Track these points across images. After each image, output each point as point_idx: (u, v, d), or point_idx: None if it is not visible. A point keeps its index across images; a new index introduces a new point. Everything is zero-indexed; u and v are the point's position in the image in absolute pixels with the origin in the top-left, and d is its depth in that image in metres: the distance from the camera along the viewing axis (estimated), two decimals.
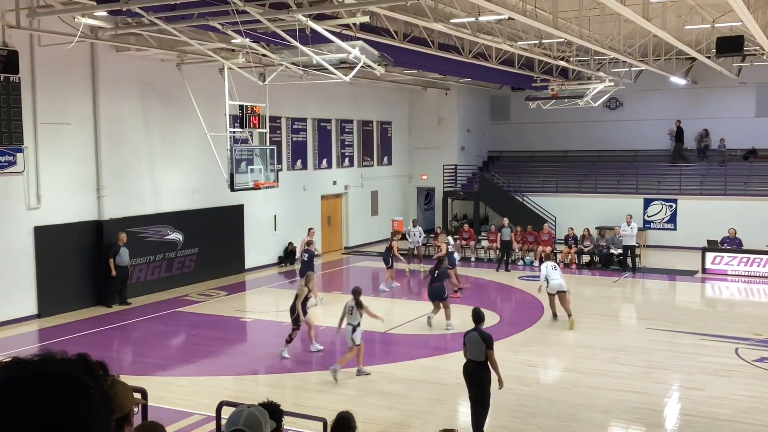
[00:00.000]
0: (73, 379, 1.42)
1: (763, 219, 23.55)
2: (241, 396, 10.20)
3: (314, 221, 25.49)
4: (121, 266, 17.48)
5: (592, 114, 28.78)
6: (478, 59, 19.47)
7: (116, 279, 17.42)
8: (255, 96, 18.01)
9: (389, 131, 29.72)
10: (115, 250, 17.40)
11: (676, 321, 16.05)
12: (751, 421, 10.11)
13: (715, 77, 26.09)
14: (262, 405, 4.28)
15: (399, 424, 9.60)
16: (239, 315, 17.08)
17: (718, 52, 17.46)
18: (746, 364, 12.77)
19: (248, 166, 17.47)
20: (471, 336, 9.43)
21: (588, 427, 9.91)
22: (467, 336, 9.49)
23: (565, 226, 25.10)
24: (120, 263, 17.43)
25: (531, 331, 15.30)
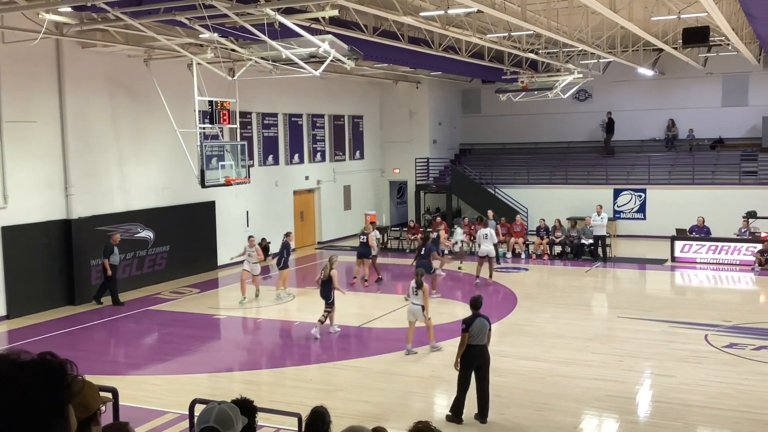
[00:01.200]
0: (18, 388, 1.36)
1: (731, 207, 23.92)
2: (216, 393, 10.14)
3: (287, 216, 25.42)
4: (112, 265, 17.27)
5: (562, 106, 28.98)
6: (448, 52, 19.51)
7: (113, 278, 17.24)
8: (224, 91, 17.87)
9: (361, 125, 29.68)
10: (110, 250, 17.21)
11: (646, 309, 16.26)
12: (721, 406, 10.28)
13: (681, 68, 26.43)
14: (235, 402, 4.25)
15: (374, 417, 9.61)
16: (212, 312, 16.97)
17: (685, 42, 17.68)
18: (716, 351, 12.98)
19: (219, 162, 17.34)
20: (477, 322, 9.73)
21: (562, 416, 10.01)
22: (472, 323, 9.72)
23: (536, 218, 25.29)
24: (112, 262, 17.24)
25: (504, 322, 15.40)
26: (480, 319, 9.79)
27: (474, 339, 9.70)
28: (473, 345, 9.71)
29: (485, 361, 9.80)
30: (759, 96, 28.11)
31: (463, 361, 9.75)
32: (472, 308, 10.03)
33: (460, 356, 9.77)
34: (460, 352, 9.76)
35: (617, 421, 9.99)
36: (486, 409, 9.79)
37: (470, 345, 9.70)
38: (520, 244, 23.71)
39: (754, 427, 9.53)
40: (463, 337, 9.75)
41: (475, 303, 10.10)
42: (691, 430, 9.59)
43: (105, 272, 17.16)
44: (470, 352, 9.72)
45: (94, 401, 2.79)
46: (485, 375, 9.81)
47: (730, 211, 23.48)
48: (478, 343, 9.72)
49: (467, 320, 9.84)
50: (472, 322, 9.77)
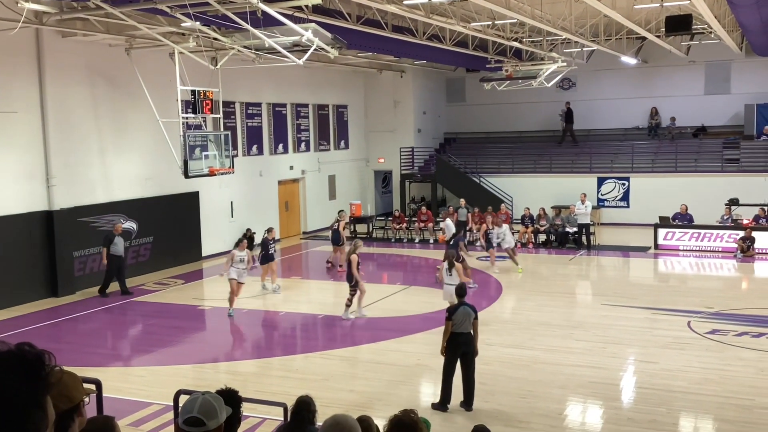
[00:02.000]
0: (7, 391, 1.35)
1: (713, 194, 24.10)
2: (201, 384, 10.11)
3: (272, 206, 25.34)
4: (117, 255, 17.11)
5: (546, 94, 29.04)
6: (432, 41, 19.47)
7: (110, 269, 17.07)
8: (207, 81, 17.73)
9: (345, 115, 29.59)
10: (110, 239, 17.08)
11: (630, 296, 16.37)
12: (703, 392, 10.38)
13: (664, 56, 26.54)
14: (219, 392, 4.23)
15: (360, 406, 9.62)
16: (197, 303, 16.91)
17: (668, 30, 17.76)
18: (698, 337, 13.10)
19: (202, 152, 17.23)
20: (460, 310, 9.77)
21: (546, 403, 10.07)
22: (456, 311, 9.76)
23: (521, 206, 25.38)
24: (115, 252, 17.07)
25: (490, 310, 15.45)
26: (464, 308, 9.82)
27: (458, 327, 9.74)
28: (458, 333, 9.75)
29: (470, 348, 9.84)
30: (741, 84, 28.29)
31: (448, 349, 9.79)
32: (457, 296, 10.07)
33: (445, 344, 9.81)
34: (445, 339, 9.81)
35: (601, 408, 10.07)
36: (471, 396, 9.85)
37: (455, 333, 9.75)
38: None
39: (737, 412, 9.64)
40: (447, 325, 9.79)
41: (459, 291, 10.14)
42: (674, 415, 9.68)
43: (112, 261, 17.02)
44: (455, 340, 9.77)
45: (77, 392, 2.77)
46: (470, 363, 9.86)
47: (713, 199, 23.66)
48: (462, 331, 9.76)
49: (451, 308, 9.91)
50: (455, 310, 9.81)
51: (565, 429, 9.16)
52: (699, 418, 9.71)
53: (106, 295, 17.15)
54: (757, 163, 26.07)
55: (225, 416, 3.16)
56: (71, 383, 2.74)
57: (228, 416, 3.34)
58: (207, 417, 3.02)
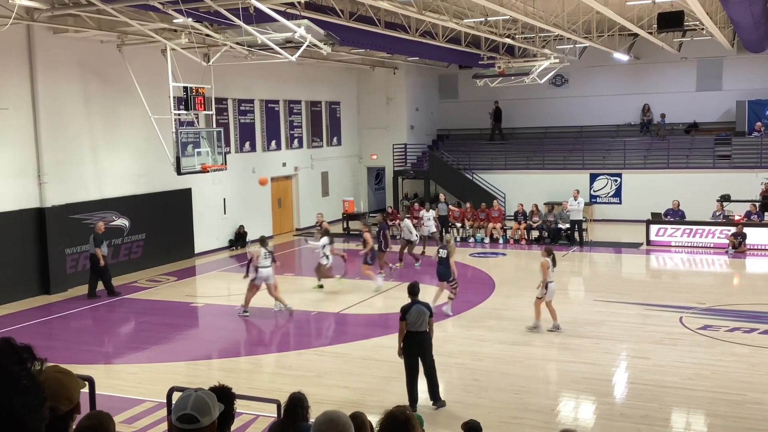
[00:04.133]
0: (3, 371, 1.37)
1: (705, 191, 24.18)
2: (194, 381, 10.11)
3: (264, 203, 25.32)
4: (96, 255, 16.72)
5: (538, 91, 29.08)
6: (425, 37, 19.45)
7: (98, 269, 16.68)
8: (200, 77, 17.67)
9: (338, 111, 29.56)
10: (100, 239, 16.76)
11: (622, 292, 16.43)
12: (695, 387, 10.43)
13: (656, 53, 26.58)
14: (212, 389, 4.23)
15: (353, 402, 9.63)
16: (190, 300, 16.88)
17: (660, 27, 17.80)
18: (690, 333, 13.16)
19: (195, 149, 17.18)
20: (413, 309, 9.60)
21: (539, 399, 10.10)
22: (409, 310, 9.60)
23: (514, 203, 25.43)
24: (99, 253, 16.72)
25: (482, 306, 15.49)
26: (417, 306, 9.63)
27: (413, 326, 9.58)
28: (413, 332, 9.59)
29: (428, 347, 9.70)
30: (733, 80, 28.39)
31: (405, 350, 9.66)
32: (410, 295, 9.85)
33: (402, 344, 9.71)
34: (401, 339, 9.68)
35: (593, 403, 10.10)
36: (436, 390, 9.77)
37: (410, 332, 9.59)
38: (497, 229, 23.84)
39: (728, 407, 9.68)
40: (401, 325, 9.64)
41: (411, 289, 9.90)
42: (666, 410, 9.72)
43: (97, 262, 16.64)
44: (411, 339, 9.62)
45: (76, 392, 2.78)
46: (429, 360, 9.72)
47: (705, 195, 23.74)
48: (416, 330, 9.59)
49: (404, 308, 9.68)
50: (408, 309, 9.63)
51: (558, 424, 9.18)
52: (691, 413, 9.76)
53: (96, 297, 16.83)
54: (748, 160, 26.16)
55: (218, 413, 3.16)
56: (70, 383, 2.75)
57: (221, 413, 3.34)
58: (200, 414, 3.02)
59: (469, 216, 24.49)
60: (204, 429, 3.02)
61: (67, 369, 2.90)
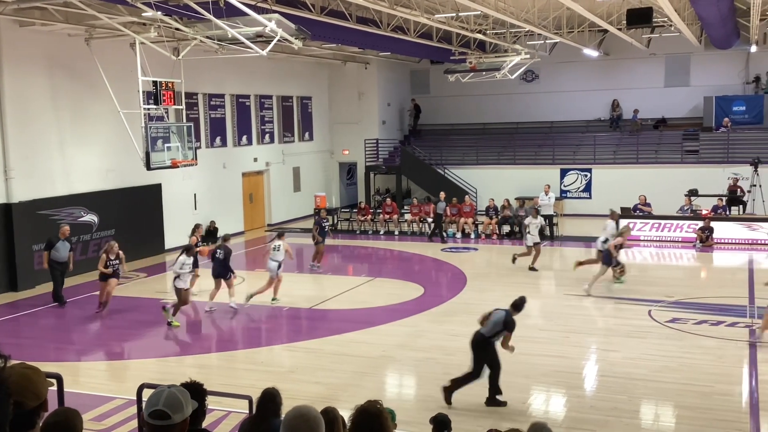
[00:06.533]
0: None
1: (673, 185, 24.51)
2: (165, 378, 10.02)
3: (236, 199, 25.16)
4: (58, 261, 15.64)
5: (509, 87, 29.22)
6: (396, 33, 19.45)
7: (54, 275, 15.71)
8: (169, 71, 17.51)
9: (309, 106, 29.45)
10: (51, 243, 15.63)
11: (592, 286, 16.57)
12: (663, 379, 10.58)
13: (626, 49, 26.86)
14: (184, 385, 4.20)
15: (326, 398, 9.61)
16: (160, 296, 16.72)
17: (629, 23, 17.98)
18: (659, 326, 13.34)
19: (165, 143, 17.02)
20: (497, 313, 9.85)
21: (510, 392, 10.16)
22: (495, 310, 9.92)
23: (486, 198, 25.54)
24: (56, 258, 15.59)
25: (454, 301, 15.56)
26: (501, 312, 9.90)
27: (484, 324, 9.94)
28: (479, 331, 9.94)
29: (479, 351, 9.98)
30: (700, 76, 28.80)
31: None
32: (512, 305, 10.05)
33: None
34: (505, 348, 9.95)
35: (564, 396, 10.21)
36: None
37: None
38: (469, 224, 23.95)
39: (696, 398, 9.84)
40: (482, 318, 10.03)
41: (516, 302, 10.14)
42: (636, 402, 9.85)
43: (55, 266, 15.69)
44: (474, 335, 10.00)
45: (43, 389, 2.74)
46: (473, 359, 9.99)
47: (673, 190, 24.06)
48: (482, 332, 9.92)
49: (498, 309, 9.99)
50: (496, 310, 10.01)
51: (529, 417, 9.26)
52: (659, 405, 9.90)
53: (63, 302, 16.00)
54: (715, 155, 26.57)
55: (191, 410, 3.13)
56: (37, 379, 2.71)
57: (193, 410, 3.31)
58: (172, 410, 2.99)
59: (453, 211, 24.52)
60: (176, 426, 3.00)
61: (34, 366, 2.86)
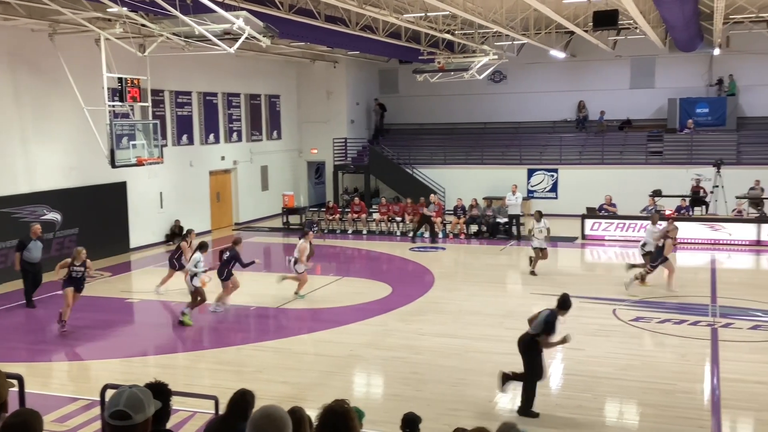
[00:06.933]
0: None
1: (638, 186, 24.85)
2: (130, 378, 9.90)
3: (203, 197, 24.95)
4: (30, 262, 15.12)
5: (477, 87, 29.37)
6: (365, 32, 19.43)
7: (26, 278, 15.28)
8: (135, 68, 17.29)
9: (278, 105, 29.31)
10: (24, 244, 15.18)
11: (558, 285, 16.68)
12: (627, 377, 10.72)
13: (592, 50, 27.16)
14: (148, 385, 4.15)
15: (293, 397, 9.58)
16: (125, 296, 16.53)
17: (595, 25, 18.15)
18: (623, 324, 13.52)
19: (130, 141, 16.80)
20: (543, 312, 9.73)
21: (477, 391, 10.23)
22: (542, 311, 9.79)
23: (453, 197, 25.66)
24: (29, 259, 15.10)
25: (422, 300, 15.60)
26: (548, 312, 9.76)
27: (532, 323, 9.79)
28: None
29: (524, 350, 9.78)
30: (665, 78, 29.25)
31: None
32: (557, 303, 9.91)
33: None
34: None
35: None
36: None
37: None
38: (437, 224, 24.02)
39: (660, 396, 9.98)
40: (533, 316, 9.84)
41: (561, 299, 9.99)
42: (600, 400, 9.97)
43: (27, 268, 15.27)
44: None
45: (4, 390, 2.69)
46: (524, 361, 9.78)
47: (637, 190, 24.39)
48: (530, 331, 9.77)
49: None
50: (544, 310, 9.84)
51: (495, 416, 9.32)
52: (623, 402, 10.03)
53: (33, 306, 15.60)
54: (679, 156, 27.01)
55: (153, 410, 3.10)
56: None
57: (157, 410, 3.28)
58: (133, 410, 2.96)
59: (409, 211, 24.63)
60: (137, 426, 2.96)
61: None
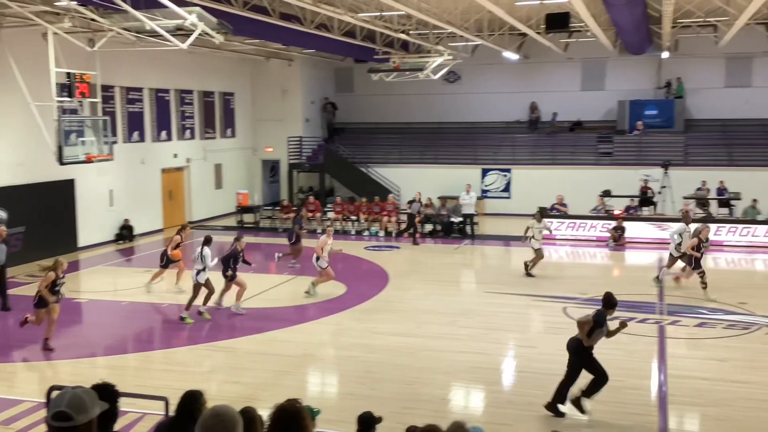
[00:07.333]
0: None
1: (588, 186, 25.25)
2: (77, 380, 9.68)
3: (154, 195, 24.56)
4: None
5: (432, 87, 29.49)
6: (320, 30, 19.35)
7: None
8: (84, 63, 16.93)
9: (232, 102, 29.02)
10: None
11: (511, 284, 16.95)
12: None
13: (544, 53, 27.50)
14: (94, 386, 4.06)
15: (245, 398, 9.49)
16: (73, 296, 16.15)
17: (547, 28, 18.44)
18: (573, 322, 13.62)
19: (79, 138, 16.44)
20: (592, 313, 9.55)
21: (431, 389, 10.28)
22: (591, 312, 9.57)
23: (408, 197, 25.74)
24: None
25: (376, 299, 15.61)
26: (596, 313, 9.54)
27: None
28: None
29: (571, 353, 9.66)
30: (615, 81, 29.80)
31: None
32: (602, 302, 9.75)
33: None
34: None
35: (482, 392, 10.39)
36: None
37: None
38: (392, 223, 24.07)
39: (608, 392, 10.12)
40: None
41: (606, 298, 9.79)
42: (550, 397, 10.08)
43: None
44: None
45: None
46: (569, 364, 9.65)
47: (587, 190, 24.80)
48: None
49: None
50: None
51: (449, 413, 9.38)
52: None
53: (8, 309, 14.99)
54: (628, 157, 27.55)
55: (98, 411, 3.03)
56: None
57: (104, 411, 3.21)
58: (76, 411, 2.89)
59: (363, 210, 24.64)
60: (80, 428, 2.89)
61: None
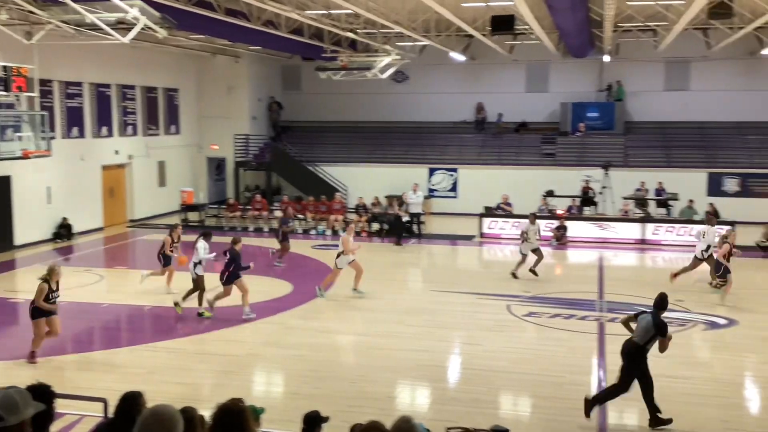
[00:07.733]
0: None
1: (532, 186, 25.63)
2: (13, 381, 9.36)
3: (94, 193, 24.01)
4: None
5: (380, 86, 29.53)
6: (267, 27, 19.18)
7: None
8: (21, 56, 16.43)
9: (176, 98, 28.55)
10: None
11: (456, 282, 17.10)
12: (520, 370, 11.04)
13: (490, 54, 27.76)
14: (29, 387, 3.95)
15: (188, 398, 9.32)
16: (9, 296, 15.69)
17: (492, 30, 18.63)
18: (517, 320, 13.92)
19: (15, 133, 15.96)
20: (644, 318, 8.99)
21: (377, 387, 10.29)
22: (641, 316, 9.07)
23: (356, 195, 25.73)
24: None
25: (323, 298, 15.53)
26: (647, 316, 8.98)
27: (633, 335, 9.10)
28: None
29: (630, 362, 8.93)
30: (558, 83, 30.32)
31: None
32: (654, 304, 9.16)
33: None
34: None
35: (428, 389, 10.44)
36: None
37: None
38: (339, 222, 24.02)
39: (552, 389, 10.32)
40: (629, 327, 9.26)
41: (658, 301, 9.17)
42: (495, 393, 10.22)
43: None
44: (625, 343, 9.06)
45: None
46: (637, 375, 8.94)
47: (532, 190, 25.17)
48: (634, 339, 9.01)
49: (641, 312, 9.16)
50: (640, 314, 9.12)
51: (394, 411, 9.40)
52: (517, 395, 10.33)
53: None
54: (570, 158, 28.07)
55: (32, 412, 2.94)
56: None
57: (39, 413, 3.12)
58: (7, 412, 2.80)
59: (311, 208, 24.54)
60: (11, 428, 2.80)
61: None
